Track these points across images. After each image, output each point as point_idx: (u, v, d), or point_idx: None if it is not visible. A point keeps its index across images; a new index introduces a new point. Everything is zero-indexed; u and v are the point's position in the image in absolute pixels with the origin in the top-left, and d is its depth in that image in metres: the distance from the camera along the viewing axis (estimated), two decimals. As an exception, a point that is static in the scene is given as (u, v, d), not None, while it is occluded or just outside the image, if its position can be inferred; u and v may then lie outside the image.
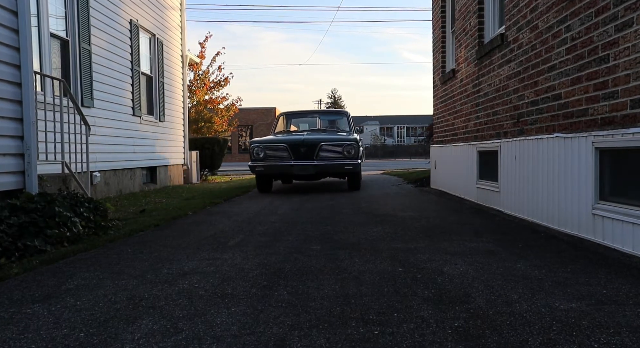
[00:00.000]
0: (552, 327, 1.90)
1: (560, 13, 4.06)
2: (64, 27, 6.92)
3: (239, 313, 2.10)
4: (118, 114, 8.35)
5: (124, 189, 8.70)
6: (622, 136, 3.18)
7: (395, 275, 2.74)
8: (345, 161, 7.89)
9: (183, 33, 12.31)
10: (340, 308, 2.15)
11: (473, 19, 6.47)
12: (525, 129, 4.83)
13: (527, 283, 2.52)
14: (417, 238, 3.90)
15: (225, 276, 2.75)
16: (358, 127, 10.15)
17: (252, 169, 8.09)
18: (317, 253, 3.36)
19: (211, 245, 3.74)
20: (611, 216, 3.32)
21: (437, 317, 2.03)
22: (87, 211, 4.49)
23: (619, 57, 3.25)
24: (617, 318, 1.99)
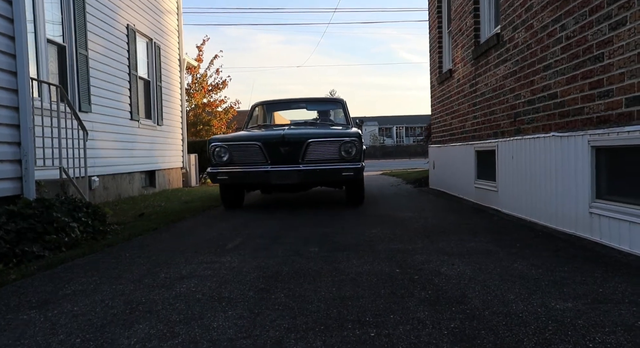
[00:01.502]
0: (547, 327, 1.90)
1: (555, 12, 4.07)
2: (61, 33, 6.93)
3: (236, 316, 2.10)
4: (116, 119, 8.36)
5: (123, 193, 8.70)
6: (618, 134, 3.19)
7: (393, 276, 2.74)
8: (343, 164, 5.69)
9: (180, 37, 12.32)
10: (337, 310, 2.15)
11: (469, 19, 6.48)
12: (522, 129, 4.83)
13: (524, 283, 2.52)
14: (415, 239, 3.90)
15: (223, 279, 2.75)
16: (357, 120, 7.81)
17: (212, 178, 5.97)
18: (314, 255, 3.36)
19: (209, 249, 3.74)
20: (608, 214, 3.33)
21: (434, 318, 2.04)
22: (85, 216, 4.50)
23: (614, 55, 3.25)
24: (613, 317, 1.99)
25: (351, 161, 5.75)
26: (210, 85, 19.03)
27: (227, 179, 5.89)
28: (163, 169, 10.69)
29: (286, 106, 8.64)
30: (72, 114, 5.49)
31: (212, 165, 5.98)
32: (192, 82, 18.73)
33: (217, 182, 6.03)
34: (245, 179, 5.93)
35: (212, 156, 5.97)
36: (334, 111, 8.28)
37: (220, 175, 5.87)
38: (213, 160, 5.96)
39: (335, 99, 8.48)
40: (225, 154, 5.92)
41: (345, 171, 5.68)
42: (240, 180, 5.95)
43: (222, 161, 5.91)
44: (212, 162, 5.99)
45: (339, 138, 5.86)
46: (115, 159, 8.27)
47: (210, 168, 6.00)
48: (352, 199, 6.28)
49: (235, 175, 5.86)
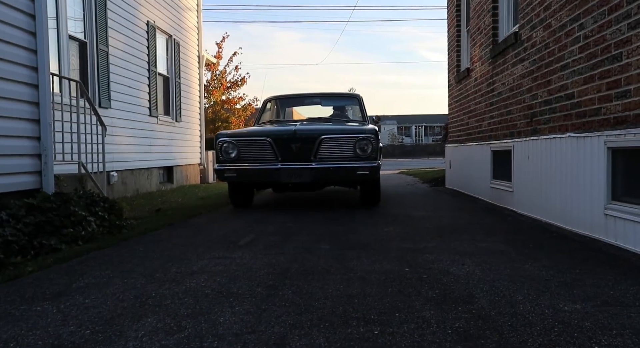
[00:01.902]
0: (553, 328, 1.89)
1: (573, 11, 4.01)
2: (82, 29, 7.05)
3: (243, 312, 2.12)
4: (135, 115, 8.47)
5: (141, 188, 8.82)
6: (635, 135, 3.14)
7: (402, 275, 2.74)
8: (358, 162, 5.40)
9: (199, 34, 12.43)
10: (343, 308, 2.17)
11: (487, 17, 6.42)
12: (538, 129, 4.78)
13: (533, 284, 2.50)
14: (427, 238, 3.89)
15: (233, 275, 2.78)
16: (375, 117, 7.68)
17: (220, 175, 5.69)
18: (325, 253, 3.38)
19: (222, 244, 3.78)
20: (623, 216, 3.28)
21: (439, 317, 2.04)
22: (102, 211, 4.58)
23: (632, 55, 3.20)
24: (622, 319, 1.97)
25: (366, 159, 5.45)
26: (229, 82, 19.15)
27: (235, 176, 5.61)
28: (181, 165, 10.81)
29: (299, 101, 8.29)
30: (92, 109, 5.59)
31: (220, 162, 5.72)
32: (211, 79, 18.86)
33: (225, 180, 5.75)
34: (254, 177, 5.66)
35: (220, 152, 5.70)
36: (350, 107, 7.92)
37: (227, 172, 5.59)
38: (220, 156, 5.70)
39: (351, 94, 7.96)
40: (234, 151, 5.63)
41: (360, 169, 5.38)
42: (249, 178, 5.67)
43: (230, 157, 5.64)
44: (219, 158, 5.73)
45: (354, 134, 5.53)
46: (133, 155, 8.39)
47: (218, 164, 5.74)
48: (367, 200, 6.03)
49: (244, 173, 5.59)
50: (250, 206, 6.21)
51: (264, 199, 7.27)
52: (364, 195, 6.01)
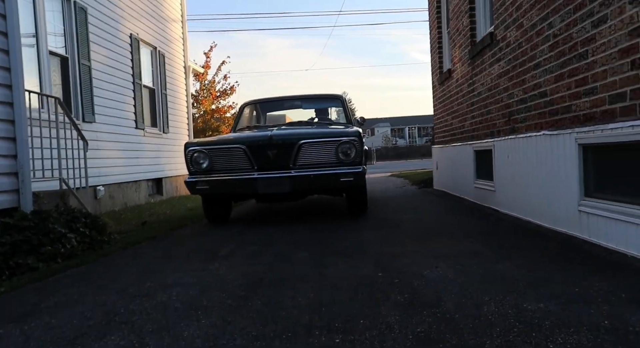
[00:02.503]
0: (513, 328, 1.90)
1: (543, 10, 4.04)
2: (63, 44, 7.05)
3: (208, 325, 2.13)
4: (120, 128, 8.46)
5: (129, 201, 8.80)
6: (602, 131, 3.16)
7: (374, 280, 2.74)
8: (341, 168, 4.96)
9: (185, 44, 12.44)
10: (309, 317, 2.17)
11: (465, 18, 6.46)
12: (516, 128, 4.80)
13: (502, 284, 2.51)
14: (407, 242, 3.90)
15: (206, 287, 2.78)
16: (360, 118, 7.35)
17: (191, 188, 5.17)
18: (303, 261, 3.38)
19: (201, 256, 3.78)
20: (596, 212, 3.30)
21: (403, 322, 2.04)
22: (83, 227, 4.57)
23: (597, 53, 3.23)
24: (582, 317, 1.98)
25: (350, 164, 5.00)
26: (219, 91, 19.20)
27: (207, 189, 5.14)
28: (170, 176, 10.79)
29: (279, 105, 7.77)
30: (71, 124, 5.58)
31: (190, 173, 5.24)
32: (200, 89, 18.91)
33: (196, 193, 5.27)
34: (228, 189, 5.17)
35: (190, 163, 5.22)
36: (333, 108, 7.54)
37: (199, 185, 5.12)
38: (191, 167, 5.22)
39: (333, 95, 7.46)
40: (205, 161, 5.17)
41: (344, 176, 4.93)
42: (223, 190, 5.19)
43: (202, 168, 5.18)
44: (189, 169, 5.25)
45: (336, 138, 5.09)
46: (120, 168, 8.37)
47: (188, 176, 5.24)
48: (353, 208, 5.60)
49: (217, 184, 5.11)
50: (227, 221, 5.77)
51: (248, 208, 7.27)
52: (350, 203, 5.58)
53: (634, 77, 2.82)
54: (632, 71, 2.83)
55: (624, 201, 3.00)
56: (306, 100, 7.49)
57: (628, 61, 2.87)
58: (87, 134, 7.08)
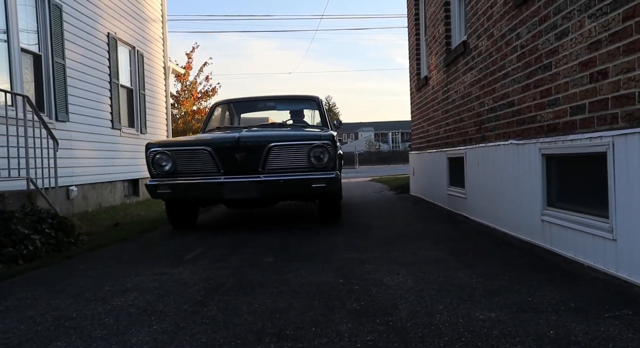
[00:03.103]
0: (461, 338, 1.91)
1: (511, 21, 4.10)
2: (36, 41, 6.95)
3: (159, 331, 2.10)
4: (96, 128, 8.36)
5: (104, 202, 8.70)
6: (563, 142, 3.21)
7: (334, 287, 2.75)
8: (313, 173, 4.76)
9: (165, 44, 12.35)
10: (262, 324, 2.16)
11: (441, 26, 6.52)
12: (486, 136, 4.86)
13: (459, 293, 2.53)
14: (374, 248, 3.91)
15: (165, 292, 2.76)
16: (335, 122, 7.17)
17: (152, 191, 4.91)
18: (267, 266, 3.37)
19: (167, 259, 3.75)
20: (557, 222, 3.34)
21: (354, 330, 2.04)
22: (49, 228, 4.50)
23: (559, 64, 3.28)
24: (529, 326, 2.00)
25: (323, 169, 4.77)
26: (200, 92, 19.09)
27: (169, 193, 4.84)
28: (147, 177, 10.67)
29: (252, 106, 7.47)
30: (41, 123, 5.50)
31: (152, 176, 4.96)
32: (182, 90, 18.78)
33: (158, 197, 4.95)
34: (192, 194, 4.88)
35: (151, 165, 4.91)
36: (309, 111, 7.20)
37: (161, 188, 4.83)
38: (152, 170, 4.92)
39: (309, 97, 7.08)
40: (168, 163, 4.86)
41: (316, 181, 4.70)
42: (187, 194, 4.89)
43: (164, 170, 4.87)
44: (151, 172, 4.95)
45: (308, 141, 4.84)
46: (95, 169, 8.27)
47: (150, 179, 4.96)
48: (326, 216, 5.34)
49: (180, 188, 4.81)
50: (194, 226, 5.52)
51: (223, 212, 7.23)
52: (323, 210, 5.32)
53: (592, 90, 2.88)
54: (591, 83, 2.89)
55: (582, 211, 3.06)
56: (281, 101, 7.24)
57: (587, 73, 2.92)
58: (61, 133, 6.99)
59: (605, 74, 2.74)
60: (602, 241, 2.79)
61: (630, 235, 2.53)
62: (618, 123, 2.64)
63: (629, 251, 2.56)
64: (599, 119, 2.82)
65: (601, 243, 2.80)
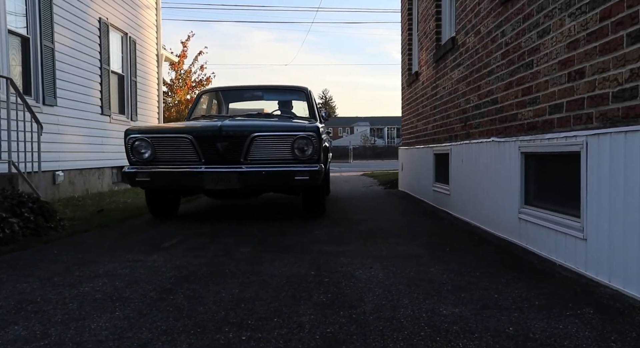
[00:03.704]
0: (420, 332, 1.91)
1: (497, 18, 4.09)
2: (25, 24, 6.88)
3: (121, 317, 2.10)
4: (85, 113, 8.30)
5: (92, 188, 8.66)
6: (541, 141, 3.21)
7: (304, 279, 2.74)
8: (296, 165, 4.67)
9: (158, 32, 12.25)
10: (225, 313, 2.16)
11: (432, 22, 6.50)
12: (470, 133, 4.86)
13: (427, 288, 2.53)
14: (352, 241, 3.91)
15: (135, 279, 2.75)
16: (324, 113, 6.90)
17: (130, 179, 4.82)
18: (242, 256, 3.36)
19: (144, 246, 3.73)
20: (532, 220, 3.35)
21: (316, 322, 2.04)
22: (28, 212, 4.46)
23: (540, 63, 3.28)
24: (490, 323, 2.01)
25: (306, 162, 4.66)
26: (194, 81, 19.00)
27: (148, 181, 4.76)
28: (136, 164, 10.62)
29: (239, 95, 7.33)
30: (25, 106, 5.45)
31: (131, 163, 4.86)
32: (176, 78, 18.68)
33: (136, 185, 4.89)
34: (171, 182, 4.82)
35: (130, 152, 4.82)
36: (296, 101, 6.97)
37: (139, 176, 4.73)
38: (131, 157, 4.82)
39: (298, 88, 6.90)
40: (147, 150, 4.77)
41: (299, 174, 4.59)
42: (166, 183, 4.82)
43: (143, 158, 4.77)
44: (130, 159, 4.86)
45: (291, 132, 4.74)
46: (83, 154, 8.23)
47: (128, 167, 4.86)
48: (309, 210, 5.30)
49: (159, 177, 4.73)
50: (176, 216, 5.44)
51: (208, 200, 7.20)
52: (306, 204, 5.26)
53: (569, 89, 2.87)
54: (569, 82, 2.88)
55: (557, 210, 3.06)
56: (269, 91, 7.15)
57: (566, 72, 2.92)
58: (48, 117, 6.95)
59: (582, 74, 2.73)
60: (573, 241, 2.80)
61: (599, 235, 2.54)
62: (592, 123, 2.64)
63: (597, 251, 2.57)
64: (575, 118, 2.82)
65: (573, 242, 2.81)
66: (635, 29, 2.27)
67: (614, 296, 2.32)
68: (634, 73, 2.27)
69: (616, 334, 1.87)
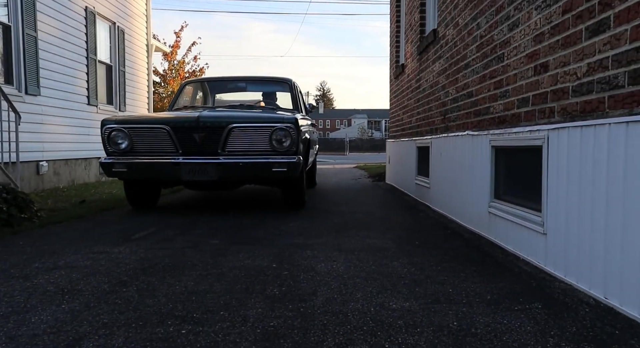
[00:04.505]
0: (363, 327, 1.89)
1: (473, 10, 4.04)
2: (6, 12, 6.81)
3: (65, 310, 2.08)
4: (70, 103, 8.24)
5: (78, 179, 8.62)
6: (509, 135, 3.18)
7: (263, 271, 2.72)
8: (274, 157, 4.66)
9: (148, 21, 12.16)
10: (173, 306, 2.14)
11: (416, 14, 6.45)
12: (449, 126, 4.83)
13: (384, 282, 2.52)
14: (324, 234, 3.89)
15: (94, 271, 2.72)
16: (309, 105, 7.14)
17: (107, 170, 4.79)
18: (209, 248, 3.34)
19: (114, 238, 3.71)
20: (500, 214, 3.33)
21: (261, 316, 2.02)
22: (1, 202, 4.44)
23: (510, 56, 3.24)
24: (436, 317, 1.99)
25: (284, 153, 4.67)
26: (188, 72, 18.90)
27: (125, 172, 4.76)
28: (124, 155, 10.57)
29: (222, 86, 7.30)
30: (2, 95, 5.40)
31: (108, 154, 4.85)
32: (169, 69, 18.59)
33: (113, 176, 4.85)
34: (148, 174, 4.80)
35: (107, 143, 4.81)
36: (280, 93, 6.95)
37: (116, 167, 4.72)
38: (108, 147, 4.82)
39: (282, 79, 6.87)
40: (124, 140, 4.77)
41: (277, 166, 4.59)
42: (143, 174, 4.80)
43: (120, 148, 4.78)
44: (107, 150, 4.85)
45: (270, 123, 4.71)
46: (68, 145, 8.18)
47: (105, 157, 4.85)
48: (289, 201, 5.31)
49: (136, 168, 4.72)
50: (155, 207, 5.44)
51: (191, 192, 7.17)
52: (286, 196, 5.27)
53: (535, 82, 2.84)
54: (535, 76, 2.85)
55: (522, 205, 3.04)
56: (252, 82, 7.13)
57: (532, 66, 2.89)
58: (30, 107, 6.90)
59: (547, 67, 2.70)
60: (535, 235, 2.78)
61: (557, 230, 2.52)
62: (555, 117, 2.61)
63: (555, 246, 2.55)
64: (540, 112, 2.79)
65: (534, 237, 2.79)
66: (593, 23, 2.23)
67: (566, 291, 2.30)
68: (590, 67, 2.25)
69: (557, 329, 1.86)
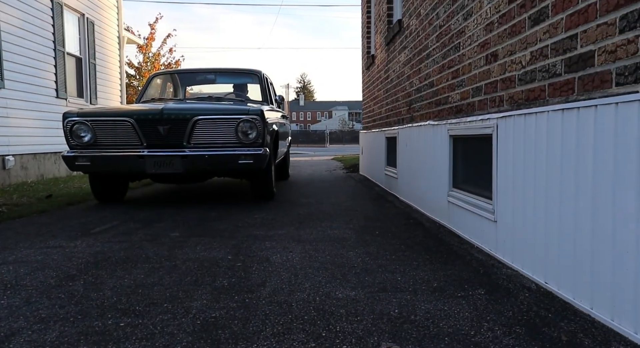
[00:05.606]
0: (304, 316, 1.90)
1: (433, 0, 4.05)
2: (-35, 4, 6.63)
3: (4, 306, 2.04)
4: (37, 96, 8.08)
5: (47, 173, 8.48)
6: (464, 124, 3.21)
7: (217, 263, 2.71)
8: (240, 149, 4.64)
9: (120, 13, 11.96)
10: (117, 299, 2.12)
11: (384, 4, 6.44)
12: (414, 116, 4.85)
13: (334, 272, 2.52)
14: (286, 225, 3.88)
15: (43, 266, 2.68)
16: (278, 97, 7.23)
17: (69, 163, 4.74)
18: (167, 241, 3.32)
19: (72, 232, 3.66)
20: (458, 203, 3.36)
21: (205, 307, 2.01)
22: (-42, 197, 4.35)
23: (465, 45, 3.26)
24: (378, 305, 2.00)
25: (250, 145, 4.65)
26: (163, 64, 18.66)
27: (89, 166, 4.70)
28: (95, 149, 10.42)
29: (191, 78, 7.33)
30: (-40, 90, 5.27)
31: (70, 147, 4.78)
32: (144, 61, 18.32)
33: (76, 169, 4.83)
34: (113, 167, 4.74)
35: (69, 136, 4.74)
36: (249, 85, 6.99)
37: (79, 160, 4.67)
38: (71, 140, 4.75)
39: (251, 71, 6.85)
40: (87, 133, 4.70)
41: (243, 158, 4.58)
42: (107, 168, 4.77)
43: (83, 142, 4.71)
44: (69, 143, 4.78)
45: (235, 115, 4.68)
46: (37, 138, 8.03)
47: (67, 151, 4.78)
48: (257, 194, 5.27)
49: (100, 161, 4.67)
50: (121, 201, 5.38)
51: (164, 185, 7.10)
52: (254, 188, 5.23)
53: (487, 71, 2.86)
54: (486, 65, 2.87)
55: (475, 193, 3.07)
56: (221, 74, 7.11)
57: (484, 55, 2.91)
58: (-6, 100, 6.76)
59: (496, 56, 2.72)
60: (487, 223, 2.82)
61: (506, 216, 2.56)
62: (504, 106, 2.63)
63: (504, 233, 2.58)
64: (491, 101, 2.82)
65: (487, 224, 2.82)
66: (534, 12, 2.25)
67: (511, 277, 2.34)
68: (533, 56, 2.27)
69: (493, 314, 1.88)
